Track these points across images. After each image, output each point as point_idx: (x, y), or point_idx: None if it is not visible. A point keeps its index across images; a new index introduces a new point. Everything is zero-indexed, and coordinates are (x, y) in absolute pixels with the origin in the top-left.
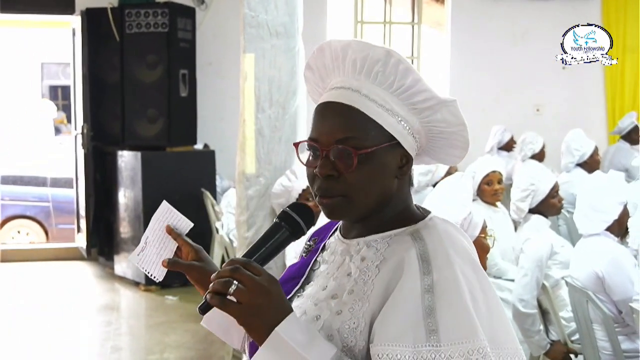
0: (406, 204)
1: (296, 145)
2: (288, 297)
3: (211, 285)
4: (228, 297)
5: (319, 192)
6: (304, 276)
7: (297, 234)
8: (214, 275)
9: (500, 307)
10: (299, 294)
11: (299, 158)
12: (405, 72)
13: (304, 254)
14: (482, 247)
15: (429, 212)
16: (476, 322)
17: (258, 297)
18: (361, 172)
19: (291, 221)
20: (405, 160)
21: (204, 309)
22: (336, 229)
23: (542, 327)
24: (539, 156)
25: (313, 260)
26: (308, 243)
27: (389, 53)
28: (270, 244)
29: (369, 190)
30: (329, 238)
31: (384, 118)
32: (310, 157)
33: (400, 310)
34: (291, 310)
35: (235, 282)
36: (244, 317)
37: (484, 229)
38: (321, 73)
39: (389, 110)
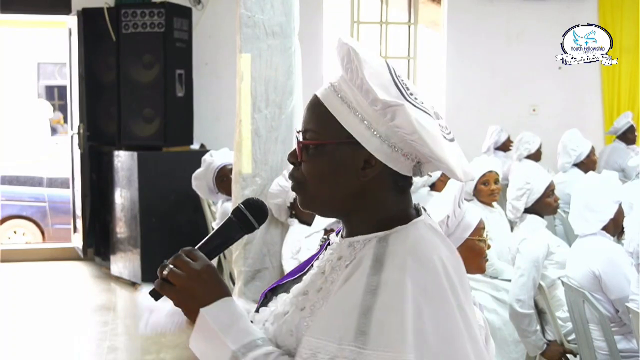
0: (395, 210)
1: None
2: (284, 289)
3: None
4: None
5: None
6: (303, 271)
7: (247, 229)
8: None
9: (462, 330)
10: (290, 289)
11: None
12: (356, 71)
13: (319, 247)
14: (472, 250)
15: (416, 219)
16: (408, 334)
17: (189, 281)
18: (311, 164)
19: (242, 217)
20: (373, 163)
21: (154, 294)
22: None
23: (538, 327)
24: (535, 156)
25: (315, 257)
26: (324, 237)
27: (349, 49)
28: (220, 237)
29: (320, 183)
30: (332, 238)
31: (344, 116)
32: None
33: (338, 305)
34: (223, 295)
35: (171, 266)
36: (178, 299)
37: (478, 231)
38: (334, 70)
39: (354, 109)
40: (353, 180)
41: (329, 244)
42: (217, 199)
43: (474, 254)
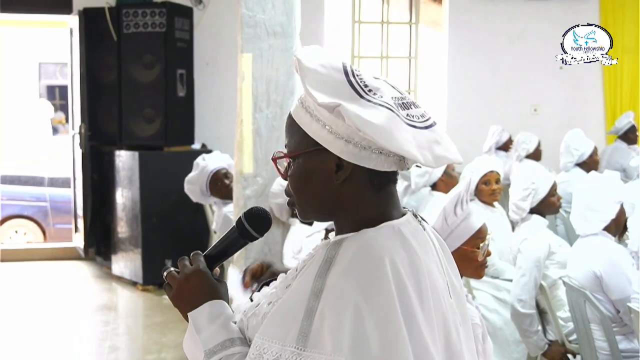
0: (370, 211)
1: None
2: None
3: None
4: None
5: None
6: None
7: (249, 238)
8: None
9: (404, 335)
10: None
11: None
12: (301, 76)
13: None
14: (465, 258)
15: (385, 225)
16: (344, 338)
17: (181, 283)
18: (291, 177)
19: (241, 227)
20: (343, 165)
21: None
22: None
23: (540, 327)
24: (535, 155)
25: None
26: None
27: (295, 61)
28: (223, 245)
29: (300, 193)
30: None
31: (307, 124)
32: None
33: (285, 307)
34: (211, 299)
35: (172, 268)
36: (173, 299)
37: (476, 238)
38: None
39: (315, 116)
40: (329, 185)
41: None
42: (209, 202)
43: (467, 262)
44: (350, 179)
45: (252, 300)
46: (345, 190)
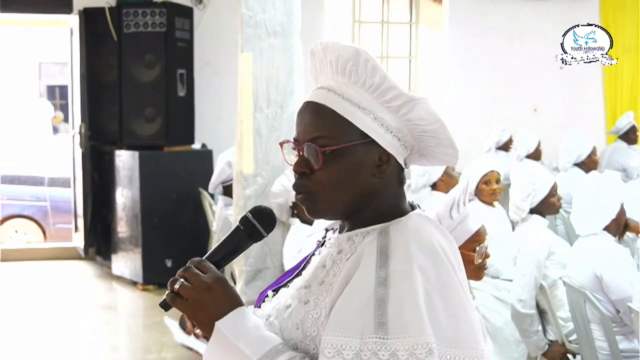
0: (395, 202)
1: (281, 144)
2: (277, 287)
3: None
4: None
5: (294, 188)
6: (299, 268)
7: (255, 237)
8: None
9: (466, 308)
10: (289, 284)
11: (284, 157)
12: (373, 70)
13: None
14: (462, 259)
15: (416, 209)
16: (424, 317)
17: (200, 293)
18: (330, 170)
19: (249, 225)
20: (386, 159)
21: (164, 305)
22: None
23: (540, 327)
24: (535, 155)
25: (311, 255)
26: (323, 237)
27: (357, 52)
28: (228, 247)
29: (338, 187)
30: (334, 233)
31: (357, 116)
32: (292, 155)
33: (352, 301)
34: (236, 306)
35: (182, 279)
36: (190, 311)
37: (474, 239)
38: (314, 75)
39: (363, 108)
40: (369, 178)
41: (323, 243)
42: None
43: (464, 264)
44: (388, 173)
45: (259, 307)
46: (378, 183)
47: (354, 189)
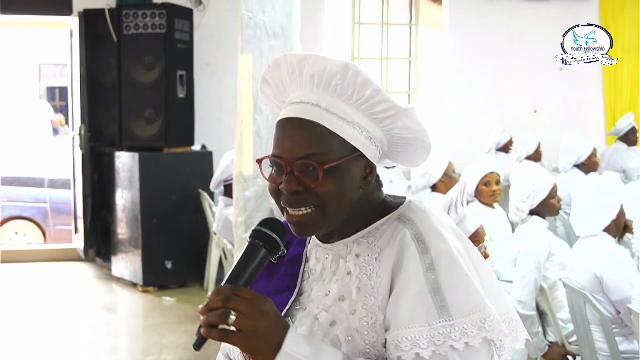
0: (378, 201)
1: (259, 161)
2: (284, 310)
3: (203, 318)
4: (227, 327)
5: (287, 205)
6: (297, 287)
7: (274, 250)
8: (202, 307)
9: (490, 272)
10: (297, 307)
11: (262, 173)
12: (364, 84)
13: (273, 260)
14: None
15: (403, 197)
16: (480, 291)
17: (258, 321)
18: (328, 186)
19: (266, 238)
20: (369, 170)
21: (200, 344)
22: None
23: (540, 328)
24: (535, 156)
25: (301, 271)
26: (283, 251)
27: (346, 66)
28: (251, 265)
29: (336, 203)
30: (308, 245)
31: (345, 130)
32: (273, 172)
33: (408, 294)
34: (288, 324)
35: (232, 311)
36: (248, 343)
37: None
38: (278, 87)
39: (350, 122)
40: (357, 190)
41: (294, 255)
42: None
43: None
44: (371, 183)
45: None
46: (365, 192)
47: (347, 202)
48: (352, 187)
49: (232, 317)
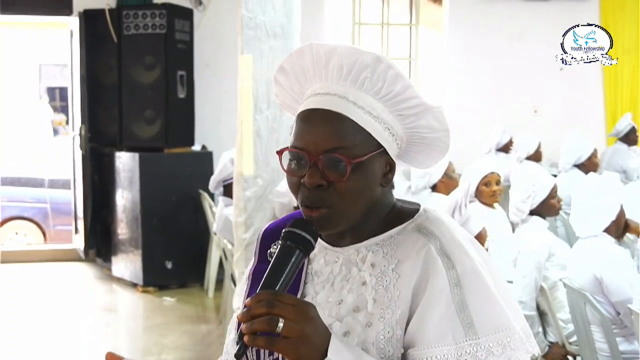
0: (391, 204)
1: (279, 152)
2: None
3: (246, 325)
4: (276, 333)
5: (307, 203)
6: (300, 290)
7: (308, 250)
8: (242, 314)
9: (506, 284)
10: None
11: (282, 166)
12: (395, 79)
13: (270, 258)
14: None
15: (417, 204)
16: (505, 308)
17: (305, 327)
18: (353, 182)
19: (299, 239)
20: (389, 168)
21: (243, 352)
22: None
23: (540, 329)
24: (535, 157)
25: (304, 274)
26: (273, 248)
27: (378, 59)
28: (288, 268)
29: (357, 200)
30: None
31: (372, 125)
32: (294, 165)
33: (435, 310)
34: (329, 330)
35: (281, 322)
36: (296, 350)
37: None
38: (298, 77)
39: (376, 117)
40: (377, 187)
41: (299, 255)
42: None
43: None
44: (391, 181)
45: None
46: (382, 190)
47: (366, 199)
48: (373, 184)
49: (281, 325)
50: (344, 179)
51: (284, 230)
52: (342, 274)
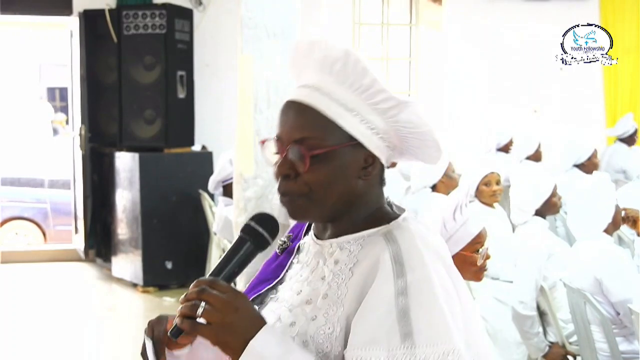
0: (378, 205)
1: (262, 142)
2: (261, 299)
3: (179, 309)
4: (197, 319)
5: (280, 191)
6: (278, 278)
7: (262, 246)
8: (182, 298)
9: (475, 309)
10: (272, 296)
11: (264, 156)
12: (362, 72)
13: (278, 252)
14: (464, 261)
15: (403, 211)
16: (451, 323)
17: (227, 315)
18: (317, 173)
19: (255, 233)
20: (371, 161)
21: (175, 333)
22: (309, 227)
23: (540, 329)
24: (535, 157)
25: (289, 262)
26: (283, 240)
27: (347, 52)
28: (235, 260)
29: (329, 190)
30: (303, 238)
31: (344, 118)
32: (275, 154)
33: (374, 314)
34: (264, 322)
35: (202, 303)
36: (217, 336)
37: (472, 245)
38: (294, 71)
39: (351, 110)
40: (355, 180)
41: (295, 249)
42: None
43: (466, 266)
44: (372, 175)
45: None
46: (362, 185)
47: (339, 191)
48: (345, 176)
49: (201, 310)
50: (305, 170)
51: (245, 223)
52: (311, 266)
